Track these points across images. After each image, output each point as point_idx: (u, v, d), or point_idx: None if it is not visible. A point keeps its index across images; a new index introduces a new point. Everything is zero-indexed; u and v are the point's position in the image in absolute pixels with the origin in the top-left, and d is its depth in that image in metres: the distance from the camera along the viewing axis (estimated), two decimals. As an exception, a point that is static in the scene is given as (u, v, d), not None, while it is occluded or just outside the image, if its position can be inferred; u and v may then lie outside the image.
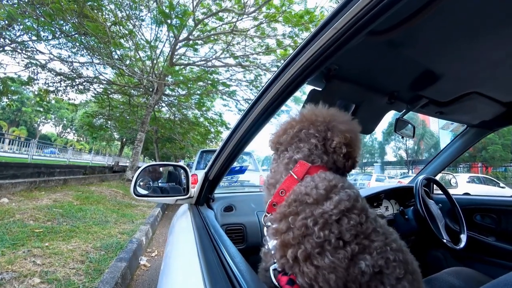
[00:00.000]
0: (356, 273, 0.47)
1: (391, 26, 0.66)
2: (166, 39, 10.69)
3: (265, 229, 0.61)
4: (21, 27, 8.49)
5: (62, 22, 8.31)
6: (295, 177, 0.59)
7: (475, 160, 27.12)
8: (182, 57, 12.25)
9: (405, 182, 2.27)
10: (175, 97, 14.20)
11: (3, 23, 8.15)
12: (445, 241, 1.36)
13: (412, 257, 0.55)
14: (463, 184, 11.37)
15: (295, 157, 0.62)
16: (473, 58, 0.85)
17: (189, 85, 12.13)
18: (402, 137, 1.44)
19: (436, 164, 1.98)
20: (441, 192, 1.70)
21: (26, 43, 9.13)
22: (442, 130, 32.00)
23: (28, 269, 2.25)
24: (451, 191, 1.72)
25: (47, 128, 50.90)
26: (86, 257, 2.68)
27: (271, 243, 0.56)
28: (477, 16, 0.66)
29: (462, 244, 1.42)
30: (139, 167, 1.40)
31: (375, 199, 1.67)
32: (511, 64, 0.89)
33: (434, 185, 1.89)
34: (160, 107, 15.39)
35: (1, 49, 8.80)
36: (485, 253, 1.61)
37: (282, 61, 0.79)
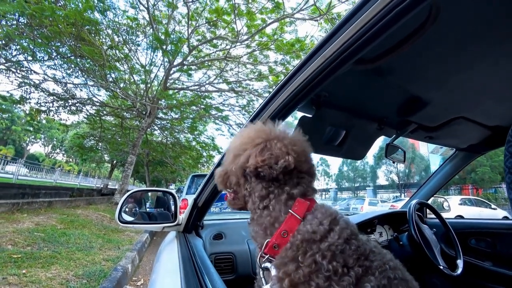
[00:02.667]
0: None
1: (378, 54, 0.68)
2: (161, 64, 10.93)
3: (260, 271, 0.57)
4: (18, 47, 8.55)
5: (58, 44, 8.43)
6: (298, 217, 0.55)
7: (465, 182, 27.36)
8: (176, 81, 12.47)
9: (398, 205, 2.26)
10: (168, 121, 14.23)
11: (0, 42, 8.21)
12: (441, 267, 1.33)
13: (410, 276, 0.55)
14: (455, 207, 11.41)
15: (293, 191, 0.58)
16: (459, 84, 0.88)
17: (182, 109, 12.25)
18: (393, 162, 1.44)
19: (428, 188, 1.98)
20: (435, 216, 1.68)
21: (21, 62, 9.17)
22: (432, 154, 32.57)
23: (1, 300, 2.09)
24: (444, 215, 1.71)
25: (36, 148, 49.72)
26: (66, 286, 2.52)
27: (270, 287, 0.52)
28: (461, 46, 0.68)
29: (459, 270, 1.39)
30: (128, 191, 1.35)
31: (369, 225, 1.65)
32: (495, 90, 0.92)
33: (427, 209, 1.88)
34: (152, 130, 15.35)
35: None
36: (483, 279, 1.57)
37: (274, 87, 0.80)
